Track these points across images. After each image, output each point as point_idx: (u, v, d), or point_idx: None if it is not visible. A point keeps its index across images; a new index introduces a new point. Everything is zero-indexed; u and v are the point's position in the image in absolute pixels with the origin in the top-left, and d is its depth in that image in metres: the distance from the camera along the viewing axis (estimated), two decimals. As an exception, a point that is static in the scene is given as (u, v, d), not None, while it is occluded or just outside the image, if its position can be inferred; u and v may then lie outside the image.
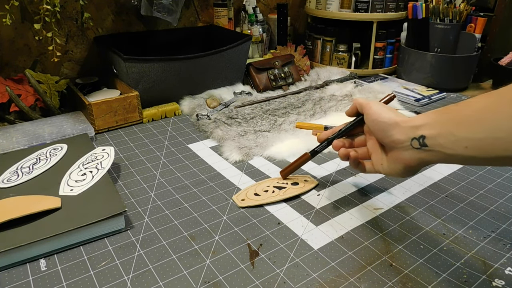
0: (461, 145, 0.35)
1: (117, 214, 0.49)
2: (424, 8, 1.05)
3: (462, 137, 0.35)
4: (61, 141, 0.68)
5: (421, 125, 0.40)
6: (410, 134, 0.41)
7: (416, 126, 0.40)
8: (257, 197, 0.57)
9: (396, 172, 0.46)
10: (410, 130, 0.41)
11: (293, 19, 1.32)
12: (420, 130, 0.40)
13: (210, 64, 0.91)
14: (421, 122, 0.40)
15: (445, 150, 0.37)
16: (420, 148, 0.40)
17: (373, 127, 0.47)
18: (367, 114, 0.48)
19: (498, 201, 0.57)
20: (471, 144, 0.35)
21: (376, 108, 0.47)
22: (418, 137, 0.40)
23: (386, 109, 0.46)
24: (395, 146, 0.43)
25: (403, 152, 0.42)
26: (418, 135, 0.40)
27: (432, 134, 0.38)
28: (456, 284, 0.43)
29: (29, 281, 0.43)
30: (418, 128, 0.40)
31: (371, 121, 0.47)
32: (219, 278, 0.43)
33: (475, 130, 0.34)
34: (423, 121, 0.40)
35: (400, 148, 0.43)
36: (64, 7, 0.89)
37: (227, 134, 0.76)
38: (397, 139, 0.43)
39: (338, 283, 0.43)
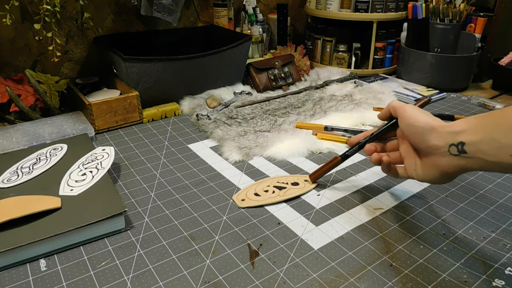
0: (506, 152, 0.34)
1: (117, 214, 0.49)
2: (424, 8, 1.05)
3: (507, 144, 0.34)
4: (61, 141, 0.68)
5: (461, 131, 0.38)
6: (448, 139, 0.40)
7: (455, 132, 0.39)
8: (257, 197, 0.57)
9: (431, 178, 0.44)
10: (448, 136, 0.40)
11: (293, 19, 1.32)
12: (459, 136, 0.38)
13: (210, 64, 0.91)
14: (460, 128, 0.39)
15: (487, 157, 0.36)
16: (459, 155, 0.39)
17: (408, 132, 0.46)
18: (401, 117, 0.46)
19: (498, 201, 0.57)
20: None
21: (411, 111, 0.45)
22: (457, 144, 0.39)
23: (421, 113, 0.45)
24: (432, 151, 0.42)
25: (440, 158, 0.41)
26: (457, 141, 0.39)
27: (473, 141, 0.37)
28: (456, 284, 0.43)
29: (29, 281, 0.43)
30: (457, 134, 0.39)
31: (406, 125, 0.46)
32: (219, 278, 0.43)
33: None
34: (463, 126, 0.39)
35: (437, 154, 0.42)
36: (64, 7, 0.89)
37: (227, 134, 0.76)
38: (434, 144, 0.41)
39: (338, 283, 0.43)
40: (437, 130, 0.41)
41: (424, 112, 0.45)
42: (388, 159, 0.50)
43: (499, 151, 0.35)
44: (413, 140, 0.45)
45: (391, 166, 0.51)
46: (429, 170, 0.44)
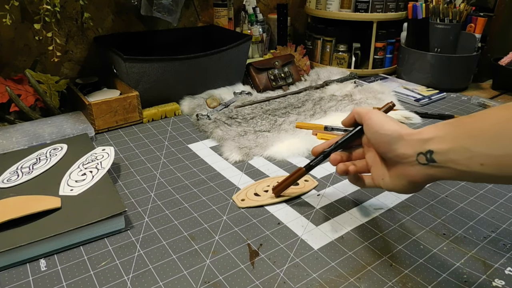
0: (476, 161, 0.32)
1: (117, 214, 0.49)
2: (424, 8, 1.05)
3: (478, 153, 0.32)
4: (61, 141, 0.68)
5: (429, 139, 0.36)
6: (417, 148, 0.38)
7: (424, 140, 0.37)
8: (257, 197, 0.57)
9: (400, 188, 0.42)
10: (417, 144, 0.38)
11: (293, 19, 1.32)
12: (427, 144, 0.36)
13: (210, 64, 0.91)
14: (430, 135, 0.37)
15: (458, 166, 0.34)
16: (427, 164, 0.37)
17: (374, 140, 0.43)
18: (367, 124, 0.44)
19: (498, 201, 0.57)
20: (489, 161, 0.31)
21: (377, 118, 0.43)
22: (425, 152, 0.37)
23: (388, 119, 0.42)
24: (399, 161, 0.40)
25: (409, 168, 0.39)
26: (425, 149, 0.37)
27: (442, 149, 0.35)
28: (456, 284, 0.43)
29: (29, 281, 0.43)
30: (425, 142, 0.37)
31: (372, 133, 0.43)
32: (219, 278, 0.43)
33: (494, 146, 0.31)
34: (432, 134, 0.37)
35: (405, 163, 0.39)
36: (64, 7, 0.89)
37: (227, 134, 0.76)
38: (402, 153, 0.39)
39: (338, 283, 0.43)
40: (405, 138, 0.39)
41: (391, 119, 0.43)
42: (355, 168, 0.48)
43: (469, 160, 0.33)
44: (380, 149, 0.43)
45: (358, 175, 0.49)
46: (397, 179, 0.42)
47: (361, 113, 0.46)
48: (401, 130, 0.40)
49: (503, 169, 0.31)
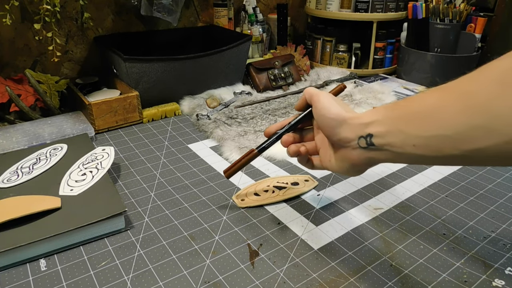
0: (409, 143, 0.33)
1: (117, 214, 0.49)
2: (424, 8, 1.05)
3: (411, 135, 0.33)
4: (61, 141, 0.68)
5: (369, 123, 0.37)
6: (358, 132, 0.38)
7: (364, 124, 0.38)
8: (257, 197, 0.57)
9: (343, 171, 0.43)
10: (358, 128, 0.38)
11: (293, 19, 1.32)
12: (368, 128, 0.37)
13: (210, 64, 0.91)
14: (369, 119, 0.37)
15: (394, 148, 0.35)
16: (367, 147, 0.37)
17: (320, 123, 0.43)
18: (315, 107, 0.44)
19: (498, 201, 0.57)
20: (420, 142, 0.33)
21: (324, 101, 0.43)
22: (366, 136, 0.37)
23: (335, 103, 0.42)
24: (343, 144, 0.41)
25: (351, 151, 0.40)
26: (366, 133, 0.37)
27: (380, 132, 0.36)
28: (456, 284, 0.43)
29: (29, 281, 0.43)
30: (366, 126, 0.37)
31: (318, 116, 0.43)
32: (219, 278, 0.43)
33: (424, 128, 0.32)
34: (371, 118, 0.37)
35: (347, 147, 0.40)
36: (64, 7, 0.89)
37: (227, 134, 0.76)
38: (344, 137, 0.40)
39: (338, 283, 0.43)
40: (348, 122, 0.40)
41: (339, 103, 0.43)
42: (305, 150, 0.48)
43: (403, 142, 0.34)
44: (325, 132, 0.43)
45: (308, 157, 0.49)
46: (341, 162, 0.42)
47: (312, 94, 0.45)
48: (345, 114, 0.40)
49: (432, 149, 0.32)
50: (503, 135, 0.27)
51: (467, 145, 0.29)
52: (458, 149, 0.30)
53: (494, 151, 0.28)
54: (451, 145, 0.30)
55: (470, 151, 0.29)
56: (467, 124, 0.29)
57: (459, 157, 0.30)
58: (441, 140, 0.31)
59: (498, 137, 0.27)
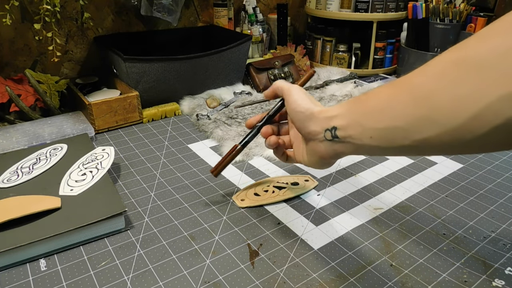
0: (367, 135, 0.35)
1: (117, 214, 0.49)
2: (424, 8, 1.05)
3: (368, 128, 0.35)
4: (61, 141, 0.68)
5: (334, 116, 0.39)
6: (324, 125, 0.40)
7: (330, 117, 0.39)
8: (257, 197, 0.57)
9: (313, 164, 0.44)
10: (324, 121, 0.40)
11: (293, 19, 1.32)
12: (332, 121, 0.39)
13: (210, 64, 0.91)
14: (334, 113, 0.39)
15: (354, 140, 0.36)
16: (332, 140, 0.39)
17: (292, 117, 0.44)
18: (287, 101, 0.45)
19: (498, 201, 0.57)
20: (375, 134, 0.34)
21: (295, 96, 0.44)
22: (331, 128, 0.39)
23: (305, 97, 0.44)
24: (312, 138, 0.42)
25: (319, 144, 0.41)
26: (331, 126, 0.39)
27: (342, 125, 0.37)
28: (456, 284, 0.43)
29: (29, 281, 0.43)
30: (331, 119, 0.39)
31: (290, 110, 0.44)
32: (219, 278, 0.43)
33: (378, 120, 0.33)
34: (336, 111, 0.39)
35: (316, 140, 0.41)
36: (64, 7, 0.89)
37: (227, 134, 0.76)
38: (313, 130, 0.41)
39: (338, 283, 0.43)
40: (316, 115, 0.41)
41: (308, 97, 0.44)
42: (283, 142, 0.49)
43: (362, 134, 0.35)
44: (296, 125, 0.44)
45: (283, 150, 0.50)
46: (311, 155, 0.44)
47: (283, 88, 0.47)
48: (313, 108, 0.42)
49: (386, 140, 0.33)
50: (443, 125, 0.28)
51: (416, 135, 0.30)
52: (409, 139, 0.31)
53: (438, 141, 0.29)
54: (402, 135, 0.32)
55: (418, 141, 0.30)
56: (414, 115, 0.30)
57: (410, 147, 0.32)
58: (393, 132, 0.32)
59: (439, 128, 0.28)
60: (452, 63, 0.28)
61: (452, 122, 0.27)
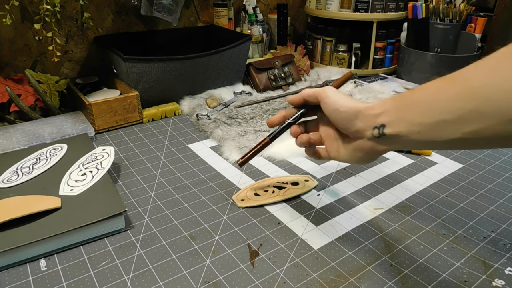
0: (414, 130, 0.35)
1: (117, 214, 0.49)
2: (424, 8, 1.05)
3: (414, 122, 0.35)
4: (61, 141, 0.68)
5: (380, 113, 0.39)
6: (371, 123, 0.39)
7: (376, 114, 0.39)
8: (257, 197, 0.57)
9: (355, 160, 0.44)
10: (371, 119, 0.39)
11: (293, 19, 1.32)
12: (379, 118, 0.39)
13: (210, 64, 0.91)
14: (380, 110, 0.39)
15: (401, 136, 0.36)
16: (380, 137, 0.39)
17: (333, 117, 0.44)
18: (325, 103, 0.45)
19: (498, 201, 0.57)
20: (423, 129, 0.34)
21: (334, 97, 0.44)
22: (379, 126, 0.38)
23: (345, 97, 0.44)
24: (359, 135, 0.42)
25: (366, 142, 0.41)
26: (379, 123, 0.38)
27: (389, 122, 0.37)
28: (456, 284, 0.43)
29: (29, 281, 0.43)
30: (378, 116, 0.39)
31: (331, 111, 0.44)
32: (219, 278, 0.43)
33: (426, 114, 0.33)
34: (381, 108, 0.39)
35: (363, 138, 0.41)
36: (64, 7, 0.89)
37: (227, 134, 0.76)
38: (360, 128, 0.41)
39: (338, 283, 0.43)
40: (362, 113, 0.41)
41: (347, 96, 0.44)
42: (314, 140, 0.49)
43: (409, 129, 0.35)
44: (339, 125, 0.44)
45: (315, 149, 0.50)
46: (354, 152, 0.44)
47: (318, 93, 0.46)
48: (358, 106, 0.41)
49: (435, 134, 0.33)
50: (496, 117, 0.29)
51: (466, 128, 0.31)
52: (459, 132, 0.31)
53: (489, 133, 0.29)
54: (452, 129, 0.32)
55: (469, 133, 0.31)
56: (465, 108, 0.30)
57: (459, 140, 0.32)
58: (442, 125, 0.32)
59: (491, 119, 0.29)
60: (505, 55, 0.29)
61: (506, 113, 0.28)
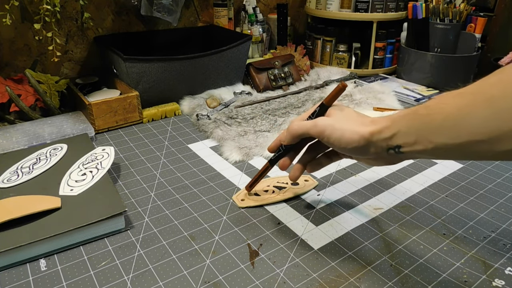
0: (441, 149, 0.34)
1: (117, 214, 0.49)
2: (424, 8, 1.05)
3: (440, 144, 0.34)
4: (61, 141, 0.68)
5: (392, 135, 0.38)
6: (385, 146, 0.39)
7: (389, 138, 0.38)
8: (257, 197, 0.57)
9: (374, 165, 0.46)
10: (383, 142, 0.39)
11: (293, 19, 1.32)
12: (392, 141, 0.38)
13: (210, 64, 0.91)
14: (392, 132, 0.38)
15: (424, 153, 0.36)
16: (397, 154, 0.38)
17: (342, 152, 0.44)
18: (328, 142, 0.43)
19: (498, 201, 0.57)
20: (451, 149, 0.34)
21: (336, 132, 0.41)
22: (394, 147, 0.38)
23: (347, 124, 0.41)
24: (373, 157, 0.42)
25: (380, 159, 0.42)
26: (393, 145, 0.38)
27: (407, 143, 0.37)
28: (456, 284, 0.43)
29: (29, 281, 0.43)
30: (390, 139, 0.38)
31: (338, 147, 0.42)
32: (219, 278, 0.43)
33: (453, 136, 0.33)
34: (394, 129, 0.38)
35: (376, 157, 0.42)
36: (64, 7, 0.89)
37: (227, 134, 0.76)
38: (373, 153, 0.40)
39: (338, 283, 0.43)
40: (371, 140, 0.39)
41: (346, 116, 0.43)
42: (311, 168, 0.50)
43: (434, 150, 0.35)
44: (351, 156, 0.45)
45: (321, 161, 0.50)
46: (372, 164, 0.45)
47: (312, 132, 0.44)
48: (364, 134, 0.40)
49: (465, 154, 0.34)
50: None
51: (501, 147, 0.30)
52: (492, 151, 0.31)
53: None
54: (485, 149, 0.31)
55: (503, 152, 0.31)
56: (500, 129, 0.30)
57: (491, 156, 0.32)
58: (475, 146, 0.32)
59: None
60: None
61: None
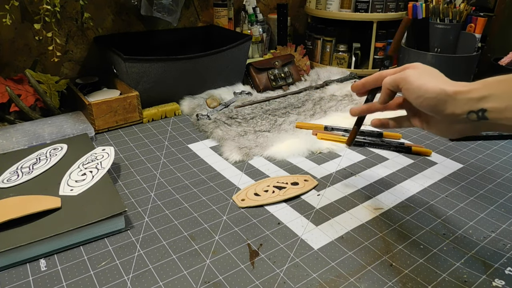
0: None
1: (117, 214, 0.49)
2: (424, 8, 1.05)
3: None
4: (61, 141, 0.68)
5: (482, 98, 0.36)
6: (467, 107, 0.37)
7: (476, 99, 0.36)
8: (257, 197, 0.57)
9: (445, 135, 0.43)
10: (467, 103, 0.36)
11: (293, 19, 1.32)
12: (480, 103, 0.36)
13: (210, 64, 0.91)
14: (481, 94, 0.36)
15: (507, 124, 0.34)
16: (478, 121, 0.36)
17: (419, 105, 0.41)
18: (406, 89, 0.41)
19: (498, 201, 0.57)
20: None
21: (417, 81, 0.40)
22: (477, 111, 0.36)
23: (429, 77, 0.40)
24: (448, 119, 0.39)
25: (457, 124, 0.39)
26: (478, 108, 0.36)
27: (498, 108, 0.35)
28: (456, 284, 0.43)
29: (29, 281, 0.43)
30: (478, 101, 0.36)
31: (415, 98, 0.41)
32: (219, 278, 0.43)
33: None
34: (483, 92, 0.36)
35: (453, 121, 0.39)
36: (64, 7, 0.89)
37: (227, 134, 0.76)
38: (452, 113, 0.38)
39: (338, 283, 0.43)
40: (454, 97, 0.37)
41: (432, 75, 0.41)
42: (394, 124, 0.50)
43: None
44: (426, 110, 0.41)
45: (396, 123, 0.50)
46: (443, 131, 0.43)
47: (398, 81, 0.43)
48: (446, 89, 0.38)
49: None
50: None
51: None
52: None
53: None
54: None
55: None
56: None
57: None
58: None
59: None
60: None
61: None
